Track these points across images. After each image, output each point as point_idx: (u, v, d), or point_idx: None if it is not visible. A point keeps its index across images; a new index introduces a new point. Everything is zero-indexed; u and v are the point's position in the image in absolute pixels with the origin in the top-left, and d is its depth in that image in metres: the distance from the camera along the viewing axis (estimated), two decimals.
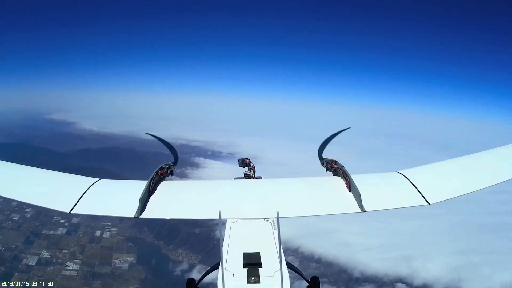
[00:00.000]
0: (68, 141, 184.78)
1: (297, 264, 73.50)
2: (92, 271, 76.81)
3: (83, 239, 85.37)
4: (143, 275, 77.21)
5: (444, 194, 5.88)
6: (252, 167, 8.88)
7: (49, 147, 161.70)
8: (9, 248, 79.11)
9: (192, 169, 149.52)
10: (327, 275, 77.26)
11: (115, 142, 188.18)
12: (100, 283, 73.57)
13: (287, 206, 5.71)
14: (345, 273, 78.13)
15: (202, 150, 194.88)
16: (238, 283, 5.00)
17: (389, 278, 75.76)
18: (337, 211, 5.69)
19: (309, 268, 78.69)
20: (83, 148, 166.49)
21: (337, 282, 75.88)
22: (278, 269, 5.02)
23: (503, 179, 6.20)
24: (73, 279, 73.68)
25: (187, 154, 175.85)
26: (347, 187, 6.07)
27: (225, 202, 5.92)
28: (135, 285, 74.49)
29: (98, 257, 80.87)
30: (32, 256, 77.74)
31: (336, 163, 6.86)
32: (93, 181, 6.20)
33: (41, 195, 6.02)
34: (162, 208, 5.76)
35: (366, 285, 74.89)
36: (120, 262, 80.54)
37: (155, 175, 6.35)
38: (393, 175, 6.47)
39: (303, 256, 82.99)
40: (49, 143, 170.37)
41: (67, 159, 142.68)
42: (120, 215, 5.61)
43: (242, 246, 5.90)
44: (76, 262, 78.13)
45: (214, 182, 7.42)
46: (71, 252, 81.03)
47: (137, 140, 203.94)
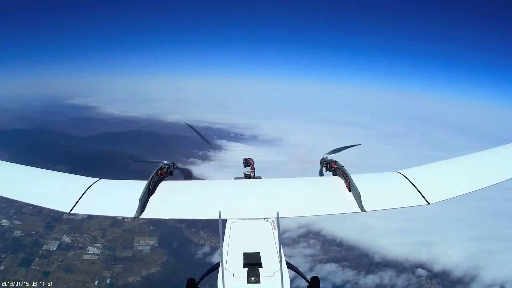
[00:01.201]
0: (89, 126, 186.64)
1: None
2: (113, 255, 76.76)
3: (105, 223, 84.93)
4: (164, 258, 76.80)
5: (444, 194, 5.89)
6: (252, 167, 8.91)
7: (70, 132, 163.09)
8: (29, 234, 79.32)
9: (214, 152, 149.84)
10: (348, 259, 77.28)
11: (137, 125, 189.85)
12: (121, 266, 73.36)
13: (287, 206, 5.74)
14: (366, 257, 78.01)
15: (224, 132, 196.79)
16: (238, 283, 4.97)
17: (410, 264, 75.60)
18: (337, 211, 5.72)
19: (331, 252, 79.27)
20: (104, 132, 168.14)
21: (358, 266, 75.54)
22: (278, 269, 5.00)
23: (503, 179, 6.25)
24: (94, 263, 73.63)
25: (210, 137, 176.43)
26: (347, 187, 6.09)
27: (225, 202, 5.96)
28: (157, 268, 74.15)
29: (120, 241, 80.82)
30: (53, 241, 77.87)
31: (336, 163, 6.93)
32: (93, 181, 6.25)
33: (41, 195, 6.01)
34: (162, 208, 5.78)
35: (387, 270, 74.40)
36: (142, 245, 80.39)
37: (155, 175, 6.38)
38: (393, 175, 6.48)
39: (324, 239, 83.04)
40: (69, 128, 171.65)
41: (88, 143, 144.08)
42: (120, 215, 5.59)
43: (242, 246, 5.89)
44: (97, 246, 78.19)
45: (214, 182, 7.74)
46: (93, 236, 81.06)
47: (159, 123, 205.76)
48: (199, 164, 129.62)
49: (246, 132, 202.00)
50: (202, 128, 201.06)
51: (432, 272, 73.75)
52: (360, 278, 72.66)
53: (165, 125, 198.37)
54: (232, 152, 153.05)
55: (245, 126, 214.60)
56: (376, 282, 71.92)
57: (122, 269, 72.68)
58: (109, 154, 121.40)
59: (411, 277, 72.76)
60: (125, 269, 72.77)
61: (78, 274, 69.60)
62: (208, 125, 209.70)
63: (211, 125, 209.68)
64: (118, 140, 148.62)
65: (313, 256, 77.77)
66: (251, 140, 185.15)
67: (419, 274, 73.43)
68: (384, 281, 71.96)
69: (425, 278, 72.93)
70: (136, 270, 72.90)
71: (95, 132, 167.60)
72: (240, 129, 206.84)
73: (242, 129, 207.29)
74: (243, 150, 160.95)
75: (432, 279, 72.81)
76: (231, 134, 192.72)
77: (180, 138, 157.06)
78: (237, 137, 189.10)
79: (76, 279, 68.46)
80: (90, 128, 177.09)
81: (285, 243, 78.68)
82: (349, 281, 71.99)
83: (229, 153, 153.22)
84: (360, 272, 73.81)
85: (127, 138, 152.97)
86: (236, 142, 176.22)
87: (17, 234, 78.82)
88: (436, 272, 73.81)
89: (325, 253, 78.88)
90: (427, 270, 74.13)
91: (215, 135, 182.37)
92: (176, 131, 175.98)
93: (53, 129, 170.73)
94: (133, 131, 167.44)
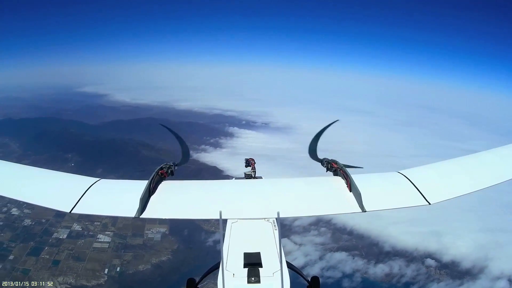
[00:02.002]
0: (100, 114, 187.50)
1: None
2: (124, 242, 77.14)
3: None
4: (175, 246, 77.19)
5: (445, 194, 5.85)
6: (253, 167, 8.56)
7: (81, 120, 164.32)
8: (40, 222, 79.75)
9: (226, 139, 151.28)
10: (358, 248, 77.66)
11: (148, 113, 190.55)
12: (132, 254, 73.86)
13: (288, 206, 5.69)
14: (376, 246, 78.50)
15: (236, 120, 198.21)
16: (238, 283, 4.85)
17: (419, 253, 76.05)
18: (337, 211, 5.72)
19: (341, 240, 79.60)
20: (116, 120, 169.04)
21: (368, 255, 75.82)
22: (278, 269, 4.90)
23: (504, 179, 6.19)
24: (104, 251, 74.10)
25: (221, 124, 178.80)
26: (348, 187, 6.00)
27: (225, 202, 5.89)
28: (167, 256, 74.50)
29: (130, 229, 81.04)
30: (63, 229, 78.38)
31: (336, 163, 6.79)
32: (94, 181, 6.08)
33: (41, 195, 5.89)
34: (163, 208, 5.68)
35: (396, 259, 74.83)
36: (153, 233, 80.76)
37: (156, 175, 6.20)
38: (393, 175, 6.40)
39: (335, 228, 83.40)
40: (80, 116, 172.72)
41: (99, 131, 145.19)
42: (121, 215, 5.51)
43: (243, 246, 5.66)
44: (108, 234, 78.65)
45: (214, 182, 7.15)
46: (103, 224, 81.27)
47: (170, 110, 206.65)
48: (210, 151, 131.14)
49: (258, 119, 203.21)
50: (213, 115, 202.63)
51: (441, 263, 74.11)
52: (370, 267, 73.04)
53: (176, 113, 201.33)
54: (244, 140, 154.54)
55: (257, 113, 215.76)
56: (385, 271, 72.41)
57: (133, 257, 73.03)
58: (120, 141, 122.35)
59: (420, 267, 73.13)
60: (136, 257, 73.10)
61: (88, 262, 69.99)
62: (220, 112, 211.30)
63: (223, 112, 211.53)
64: (129, 128, 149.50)
65: (324, 244, 78.04)
66: (263, 128, 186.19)
67: (428, 264, 73.81)
68: (393, 270, 72.37)
69: (434, 268, 73.25)
70: (147, 258, 73.26)
71: (106, 120, 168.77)
72: (252, 116, 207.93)
73: (254, 116, 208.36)
74: (255, 138, 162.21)
75: (441, 269, 73.15)
76: (243, 122, 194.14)
77: (192, 126, 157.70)
78: (249, 124, 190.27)
79: (86, 267, 68.86)
80: (101, 116, 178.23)
81: (296, 231, 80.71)
82: (358, 270, 72.41)
83: (240, 140, 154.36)
84: (370, 261, 74.22)
85: (139, 126, 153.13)
86: (247, 129, 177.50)
87: (27, 223, 79.15)
88: (445, 263, 74.15)
89: (335, 242, 79.22)
90: (436, 260, 74.48)
91: (227, 122, 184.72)
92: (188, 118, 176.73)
93: (64, 117, 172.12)
94: (144, 119, 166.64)
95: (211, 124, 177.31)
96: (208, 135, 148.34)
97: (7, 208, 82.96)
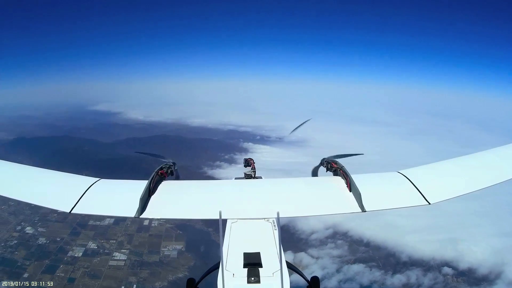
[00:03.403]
0: (114, 131, 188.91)
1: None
2: (140, 260, 76.71)
3: (131, 228, 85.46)
4: (192, 263, 76.42)
5: (445, 194, 5.81)
6: (253, 167, 8.64)
7: (94, 138, 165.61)
8: (54, 241, 79.68)
9: (241, 155, 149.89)
10: (375, 259, 77.13)
11: (162, 130, 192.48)
12: (148, 272, 73.34)
13: (288, 206, 5.69)
14: (393, 256, 77.79)
15: (250, 135, 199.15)
16: (238, 283, 4.93)
17: (436, 262, 75.35)
18: (337, 211, 5.69)
19: (358, 252, 79.30)
20: (130, 137, 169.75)
21: (385, 266, 75.33)
22: (278, 269, 4.97)
23: (504, 179, 6.11)
24: (120, 268, 73.65)
25: (236, 140, 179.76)
26: (348, 187, 6.00)
27: (225, 202, 5.90)
28: (184, 272, 73.47)
29: (147, 246, 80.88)
30: (78, 247, 78.09)
31: (336, 163, 6.80)
32: (94, 181, 6.11)
33: (41, 195, 5.91)
34: (163, 208, 5.70)
35: (414, 269, 74.19)
36: (169, 250, 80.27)
37: (156, 175, 6.26)
38: (393, 175, 6.38)
39: (352, 240, 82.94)
40: (94, 134, 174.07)
41: (113, 149, 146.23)
42: (121, 215, 5.50)
43: (242, 246, 5.82)
44: (124, 252, 78.24)
45: (214, 182, 7.41)
46: (119, 241, 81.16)
47: (184, 127, 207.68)
48: (225, 167, 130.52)
49: (272, 134, 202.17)
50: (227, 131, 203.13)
51: (458, 270, 73.52)
52: (387, 278, 72.64)
53: (190, 129, 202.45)
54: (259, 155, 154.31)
55: (271, 127, 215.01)
56: (403, 281, 71.91)
57: (149, 274, 72.53)
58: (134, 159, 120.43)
59: (437, 276, 72.64)
60: (152, 274, 72.61)
61: (104, 280, 69.66)
62: (233, 127, 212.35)
63: (236, 128, 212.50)
64: (143, 145, 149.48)
65: (341, 257, 77.56)
66: (277, 142, 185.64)
67: (445, 272, 73.24)
68: (411, 280, 71.92)
69: (451, 276, 72.71)
70: (163, 275, 72.66)
71: (120, 138, 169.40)
72: (266, 131, 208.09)
73: (268, 131, 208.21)
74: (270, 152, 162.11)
75: (458, 277, 72.55)
76: (257, 137, 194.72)
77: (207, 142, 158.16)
78: (263, 139, 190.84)
79: (102, 285, 68.57)
80: (115, 134, 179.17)
81: (313, 244, 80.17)
82: (376, 281, 72.16)
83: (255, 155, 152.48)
84: (387, 272, 73.78)
85: (153, 143, 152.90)
86: (262, 144, 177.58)
87: (41, 241, 79.09)
88: (462, 270, 73.55)
89: (352, 254, 78.75)
90: (453, 268, 73.95)
91: (241, 138, 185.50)
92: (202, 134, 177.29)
93: (78, 135, 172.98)
94: (158, 136, 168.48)
95: (225, 140, 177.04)
96: (223, 151, 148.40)
97: (21, 226, 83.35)
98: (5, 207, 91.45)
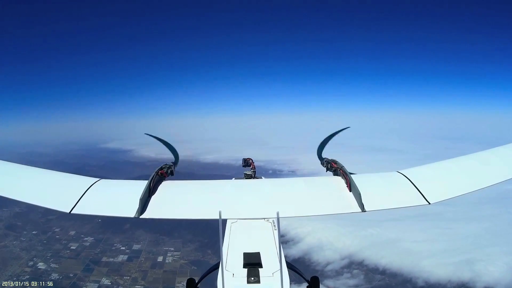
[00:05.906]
0: (125, 169, 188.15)
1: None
2: None
3: (145, 265, 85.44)
4: None
5: (444, 194, 5.87)
6: (253, 168, 9.22)
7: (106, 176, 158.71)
8: (67, 277, 79.33)
9: None
10: (392, 286, 77.05)
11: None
12: None
13: (287, 206, 5.74)
14: (410, 282, 77.05)
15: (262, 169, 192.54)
16: (238, 283, 5.03)
17: (452, 285, 74.78)
18: (337, 211, 5.72)
19: (374, 280, 79.02)
20: (142, 175, 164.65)
21: None
22: (278, 269, 5.04)
23: (503, 179, 6.17)
24: None
25: None
26: (347, 187, 6.05)
27: (225, 202, 5.93)
28: None
29: (161, 282, 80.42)
30: (92, 283, 77.81)
31: (336, 163, 6.88)
32: (93, 181, 6.20)
33: (41, 195, 5.98)
34: (163, 208, 5.78)
35: None
36: (184, 286, 77.00)
37: (155, 175, 6.35)
38: (393, 175, 6.47)
39: (368, 269, 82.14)
40: (105, 172, 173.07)
41: None
42: (120, 215, 5.58)
43: (242, 246, 5.96)
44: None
45: (214, 182, 7.14)
46: (133, 278, 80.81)
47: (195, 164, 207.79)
48: None
49: (284, 167, 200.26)
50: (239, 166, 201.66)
51: None
52: None
53: (203, 166, 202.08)
54: None
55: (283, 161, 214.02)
56: None
57: None
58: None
59: None
60: None
61: None
62: None
63: None
64: None
65: (357, 286, 77.34)
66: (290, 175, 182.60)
67: None
68: None
69: None
70: None
71: (132, 175, 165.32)
72: (278, 165, 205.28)
73: (280, 165, 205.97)
74: None
75: None
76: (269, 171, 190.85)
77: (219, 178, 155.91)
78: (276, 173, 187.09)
79: None
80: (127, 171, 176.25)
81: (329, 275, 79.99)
82: None
83: None
84: None
85: None
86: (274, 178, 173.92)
87: (54, 277, 78.38)
88: None
89: (369, 282, 78.34)
90: None
91: None
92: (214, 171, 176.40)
93: (89, 173, 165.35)
94: None
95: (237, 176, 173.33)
96: None
97: (33, 262, 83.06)
98: (17, 242, 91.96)
